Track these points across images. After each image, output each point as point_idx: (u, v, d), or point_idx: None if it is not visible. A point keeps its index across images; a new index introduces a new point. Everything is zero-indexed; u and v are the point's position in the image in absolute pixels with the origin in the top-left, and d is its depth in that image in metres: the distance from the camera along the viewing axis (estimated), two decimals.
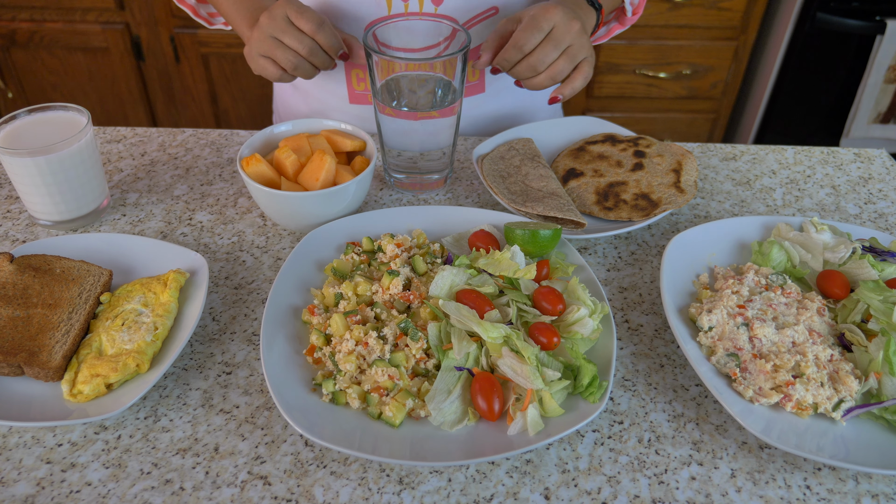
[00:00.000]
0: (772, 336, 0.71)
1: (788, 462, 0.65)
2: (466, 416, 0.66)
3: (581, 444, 0.67)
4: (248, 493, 0.62)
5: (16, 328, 0.72)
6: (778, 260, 0.81)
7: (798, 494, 0.63)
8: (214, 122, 2.56)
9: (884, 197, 1.00)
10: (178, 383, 0.72)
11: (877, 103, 2.21)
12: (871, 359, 0.69)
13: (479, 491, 0.63)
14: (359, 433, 0.65)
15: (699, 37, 2.31)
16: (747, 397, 0.67)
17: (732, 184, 1.01)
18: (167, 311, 0.75)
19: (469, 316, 0.69)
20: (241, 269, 0.85)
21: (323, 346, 0.71)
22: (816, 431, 0.65)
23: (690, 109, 2.51)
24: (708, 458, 0.66)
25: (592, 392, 0.66)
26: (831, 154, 1.08)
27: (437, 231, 0.87)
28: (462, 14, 0.99)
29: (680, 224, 0.93)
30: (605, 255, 0.89)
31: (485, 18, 1.01)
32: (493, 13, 1.00)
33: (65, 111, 0.89)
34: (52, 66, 2.42)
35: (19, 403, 0.68)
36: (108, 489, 0.62)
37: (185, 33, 2.31)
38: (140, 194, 0.97)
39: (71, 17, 2.29)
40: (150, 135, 1.09)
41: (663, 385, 0.72)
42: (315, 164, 0.84)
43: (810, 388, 0.66)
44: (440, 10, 0.98)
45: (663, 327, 0.79)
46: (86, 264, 0.80)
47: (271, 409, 0.69)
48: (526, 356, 0.66)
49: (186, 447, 0.66)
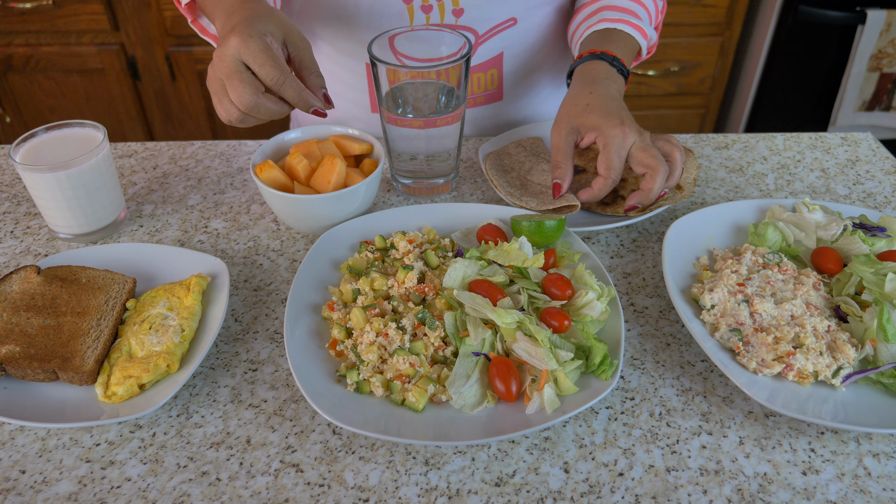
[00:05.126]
0: (771, 311, 0.75)
1: (793, 428, 0.69)
2: (486, 398, 0.69)
3: (596, 420, 0.70)
4: (282, 481, 0.65)
5: (48, 336, 0.75)
6: (773, 240, 0.84)
7: (803, 457, 0.66)
8: (212, 137, 2.60)
9: (871, 177, 1.04)
10: (206, 381, 0.75)
11: (861, 91, 2.26)
12: (867, 327, 0.72)
13: (502, 468, 0.66)
14: (384, 419, 0.68)
15: (685, 34, 2.36)
16: (751, 369, 0.71)
17: (726, 171, 1.05)
18: (192, 313, 0.78)
19: (483, 304, 0.73)
20: (258, 272, 0.88)
21: (345, 339, 0.74)
22: (818, 398, 0.69)
23: (680, 105, 2.56)
24: (717, 427, 0.69)
25: (605, 370, 0.69)
26: (819, 139, 1.12)
27: (445, 227, 0.90)
28: (482, 24, 1.02)
29: (678, 211, 0.97)
30: (607, 243, 0.92)
31: (504, 29, 1.04)
32: (512, 24, 1.04)
33: (81, 128, 0.92)
34: (48, 89, 2.45)
35: (55, 407, 0.71)
36: (148, 483, 0.65)
37: (180, 51, 2.35)
38: (155, 205, 1.00)
39: (66, 40, 2.33)
40: (161, 149, 1.12)
41: (670, 362, 0.76)
42: (326, 168, 0.88)
43: (810, 357, 0.70)
44: (461, 21, 1.01)
45: (667, 308, 0.82)
46: (110, 273, 0.83)
47: (298, 402, 0.72)
48: (539, 339, 0.70)
49: (220, 441, 0.69)
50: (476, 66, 1.07)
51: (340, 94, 1.12)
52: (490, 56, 1.06)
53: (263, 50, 0.72)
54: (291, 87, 0.74)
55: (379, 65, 0.87)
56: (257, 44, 0.72)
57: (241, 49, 0.71)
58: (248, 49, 0.71)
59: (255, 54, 0.72)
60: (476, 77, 1.08)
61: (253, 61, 0.72)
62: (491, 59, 1.06)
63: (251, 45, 0.71)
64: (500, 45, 1.05)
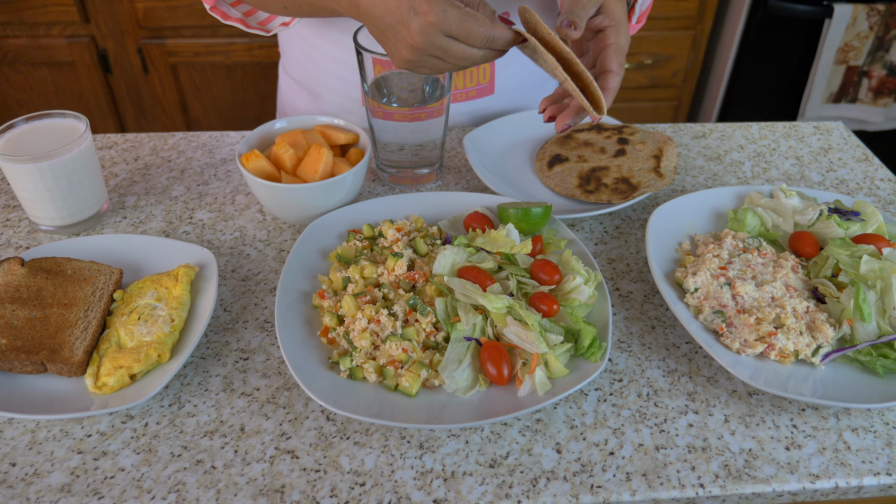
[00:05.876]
0: (752, 293, 0.77)
1: (775, 406, 0.71)
2: (478, 382, 0.70)
3: (585, 401, 0.72)
4: (278, 467, 0.66)
5: (34, 328, 0.74)
6: (752, 225, 0.87)
7: (786, 433, 0.69)
8: (186, 130, 2.57)
9: (843, 165, 1.07)
10: (197, 371, 0.75)
11: (828, 84, 2.32)
12: (843, 308, 0.75)
13: (496, 450, 0.67)
14: (377, 404, 0.68)
15: (658, 27, 2.39)
16: (734, 349, 0.73)
17: (704, 159, 1.08)
18: (181, 303, 0.78)
19: (473, 290, 0.74)
20: (246, 262, 0.88)
21: (336, 327, 0.75)
22: (798, 376, 0.71)
23: (653, 98, 2.59)
24: (703, 406, 0.71)
25: (594, 352, 0.71)
26: (793, 128, 1.15)
27: (432, 216, 0.91)
28: None
29: (659, 198, 0.99)
30: (591, 230, 0.94)
31: None
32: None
33: (62, 118, 0.91)
34: (16, 82, 2.40)
35: (44, 399, 0.70)
36: (142, 473, 0.65)
37: (152, 44, 2.31)
38: (138, 197, 0.99)
39: (34, 31, 2.28)
40: (142, 140, 1.11)
41: (656, 344, 0.78)
42: (313, 157, 0.88)
43: (791, 337, 0.72)
44: None
45: (651, 293, 0.84)
46: (96, 264, 0.82)
47: (290, 389, 0.73)
48: (530, 323, 0.71)
49: (213, 429, 0.69)
50: None
51: (331, 86, 1.11)
52: None
53: (463, 17, 0.69)
54: (501, 37, 0.71)
55: (364, 54, 0.87)
56: (455, 13, 0.68)
57: (443, 24, 0.68)
58: (448, 21, 0.68)
59: (459, 23, 0.69)
60: (468, 71, 1.08)
61: (459, 30, 0.69)
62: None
63: (450, 15, 0.68)
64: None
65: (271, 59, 2.36)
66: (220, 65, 2.38)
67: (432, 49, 0.70)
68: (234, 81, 2.43)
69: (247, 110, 2.51)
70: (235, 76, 2.42)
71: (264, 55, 2.36)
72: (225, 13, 0.97)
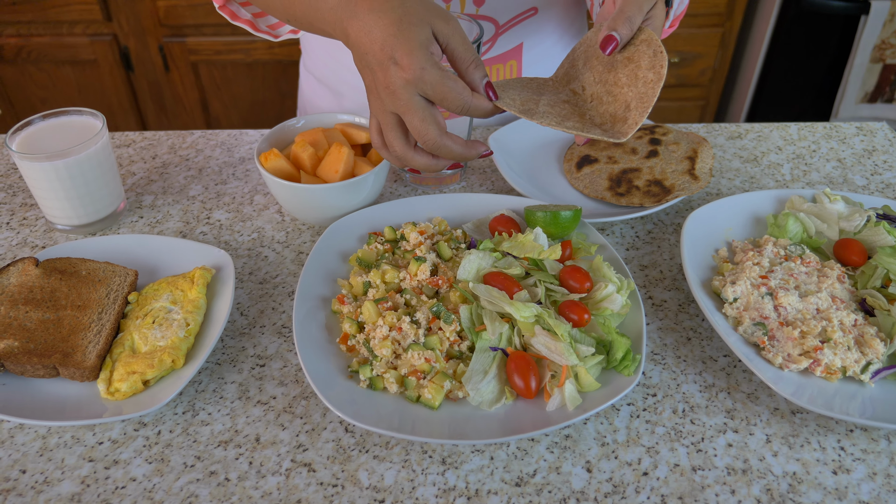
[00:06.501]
0: (796, 304, 0.72)
1: (821, 425, 0.67)
2: (504, 395, 0.67)
3: (617, 417, 0.68)
4: (294, 481, 0.63)
5: (47, 330, 0.72)
6: (794, 231, 0.82)
7: (833, 456, 0.64)
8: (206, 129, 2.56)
9: (889, 168, 1.02)
10: (212, 378, 0.72)
11: (863, 83, 2.25)
12: (895, 321, 0.70)
13: (522, 467, 0.64)
14: (398, 416, 0.65)
15: (686, 24, 2.34)
16: (777, 364, 0.68)
17: (740, 161, 1.03)
18: (196, 307, 0.75)
19: (500, 297, 0.70)
20: (264, 265, 0.86)
21: (356, 334, 0.72)
22: (846, 394, 0.67)
23: (680, 97, 2.54)
24: (742, 425, 0.67)
25: (627, 365, 0.67)
26: (834, 129, 1.10)
27: (456, 218, 0.87)
28: (502, 14, 1.00)
29: (693, 202, 0.95)
30: (622, 235, 0.90)
31: (525, 19, 1.01)
32: (533, 13, 1.01)
33: (79, 115, 0.89)
34: (40, 80, 2.41)
35: (56, 404, 0.68)
36: (154, 483, 0.63)
37: (173, 42, 2.31)
38: (155, 196, 0.97)
39: (58, 30, 2.28)
40: (160, 138, 1.09)
41: (692, 357, 0.74)
42: (333, 157, 0.85)
43: (838, 352, 0.68)
44: (481, 10, 0.98)
45: (686, 302, 0.80)
46: (111, 265, 0.80)
47: (308, 399, 0.70)
48: (559, 333, 0.67)
49: (227, 439, 0.66)
50: (496, 56, 1.04)
51: (354, 84, 1.09)
52: (510, 47, 1.04)
53: (442, 81, 0.64)
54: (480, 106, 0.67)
55: None
56: (434, 75, 0.64)
57: (418, 83, 0.64)
58: (424, 82, 0.64)
59: (435, 86, 0.64)
60: (495, 68, 1.05)
61: (434, 94, 0.65)
62: (510, 49, 1.04)
63: (427, 76, 0.64)
64: (520, 36, 1.02)
65: (292, 57, 2.35)
66: (240, 63, 2.37)
67: (400, 105, 0.66)
68: (254, 80, 2.42)
69: (267, 109, 2.50)
70: (256, 74, 2.41)
71: (285, 53, 2.34)
72: (234, 13, 0.95)
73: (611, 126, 0.68)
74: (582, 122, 0.70)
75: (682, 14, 0.95)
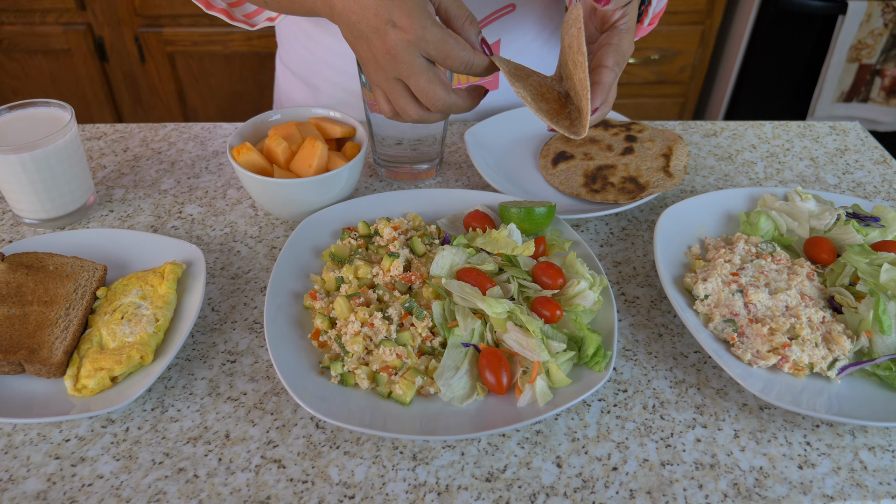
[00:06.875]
0: (766, 301, 0.73)
1: (788, 421, 0.68)
2: (475, 390, 0.67)
3: (588, 413, 0.68)
4: (264, 477, 0.62)
5: (13, 326, 0.71)
6: (766, 229, 0.83)
7: (799, 450, 0.65)
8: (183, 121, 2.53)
9: (860, 167, 1.03)
10: (182, 374, 0.71)
11: (840, 82, 2.28)
12: (862, 319, 0.71)
13: (493, 462, 0.64)
14: (369, 412, 0.65)
15: (666, 22, 2.35)
16: (746, 360, 0.69)
17: (715, 159, 1.04)
18: (166, 302, 0.74)
19: (472, 293, 0.70)
20: (236, 260, 0.85)
21: (328, 330, 0.71)
22: (813, 390, 0.68)
23: (659, 94, 2.55)
24: (711, 420, 0.68)
25: (598, 361, 0.67)
26: (808, 128, 1.11)
27: (430, 214, 0.87)
28: (479, 10, 0.99)
29: (668, 199, 0.95)
30: (597, 231, 0.90)
31: (502, 15, 1.01)
32: (510, 10, 1.01)
33: (46, 107, 0.87)
34: (11, 70, 2.36)
35: (22, 401, 0.67)
36: (121, 481, 0.62)
37: (149, 32, 2.27)
38: (126, 190, 0.95)
39: (30, 18, 2.24)
40: (131, 130, 1.07)
41: (663, 353, 0.74)
42: (307, 151, 0.84)
43: (806, 348, 0.69)
44: None
45: (658, 298, 0.81)
46: (79, 260, 0.79)
47: (279, 395, 0.69)
48: (531, 329, 0.67)
49: (197, 436, 0.66)
50: None
51: (329, 78, 1.08)
52: None
53: (444, 39, 0.63)
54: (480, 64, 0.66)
55: None
56: (436, 33, 0.63)
57: (420, 43, 0.63)
58: (427, 41, 0.63)
59: (438, 45, 0.63)
60: None
61: (437, 53, 0.64)
62: None
63: (429, 35, 0.62)
64: (498, 32, 1.02)
65: (270, 49, 2.32)
66: (218, 54, 2.34)
67: (403, 69, 0.65)
68: (232, 72, 2.39)
69: (245, 101, 2.47)
70: (234, 66, 2.38)
71: (263, 45, 2.32)
72: (209, 2, 0.92)
73: (579, 120, 0.68)
74: (558, 112, 0.69)
75: (661, 12, 0.96)
